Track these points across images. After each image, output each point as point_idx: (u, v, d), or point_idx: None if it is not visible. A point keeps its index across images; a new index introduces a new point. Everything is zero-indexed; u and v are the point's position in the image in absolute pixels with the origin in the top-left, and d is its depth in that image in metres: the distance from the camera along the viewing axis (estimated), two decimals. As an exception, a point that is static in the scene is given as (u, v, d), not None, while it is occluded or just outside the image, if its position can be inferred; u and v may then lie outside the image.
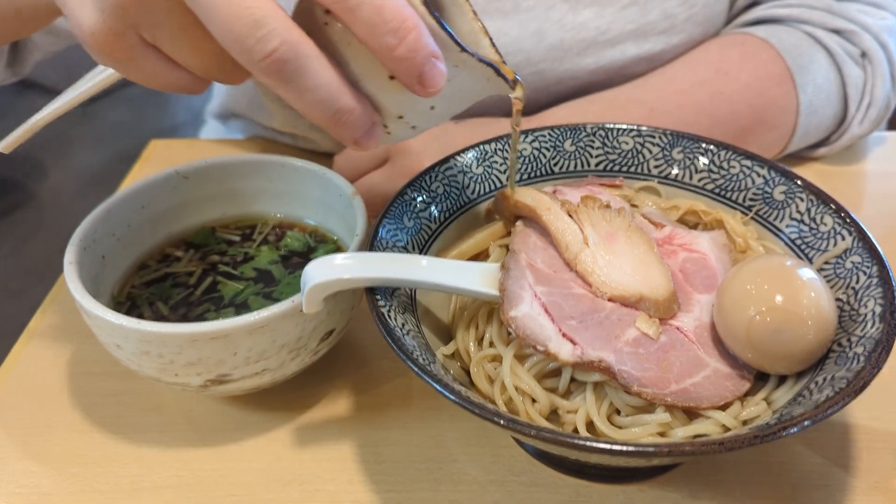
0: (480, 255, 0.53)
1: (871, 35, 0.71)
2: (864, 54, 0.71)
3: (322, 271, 0.43)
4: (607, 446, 0.35)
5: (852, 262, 0.46)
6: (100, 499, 0.49)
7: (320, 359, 0.53)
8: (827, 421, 0.52)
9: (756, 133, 0.71)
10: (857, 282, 0.45)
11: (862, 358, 0.39)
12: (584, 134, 0.57)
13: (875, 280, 0.44)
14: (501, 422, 0.37)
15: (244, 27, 0.34)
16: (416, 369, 0.39)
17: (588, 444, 0.36)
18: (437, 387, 0.38)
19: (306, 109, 0.37)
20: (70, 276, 0.49)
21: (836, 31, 0.72)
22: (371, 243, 0.48)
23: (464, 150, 0.55)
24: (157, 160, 0.84)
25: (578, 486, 0.48)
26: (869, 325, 0.41)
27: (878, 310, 0.42)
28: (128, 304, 0.55)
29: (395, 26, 0.35)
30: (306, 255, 0.58)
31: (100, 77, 0.57)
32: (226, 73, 0.39)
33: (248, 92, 0.85)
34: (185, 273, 0.57)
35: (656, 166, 0.56)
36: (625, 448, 0.35)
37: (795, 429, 0.36)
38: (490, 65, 0.40)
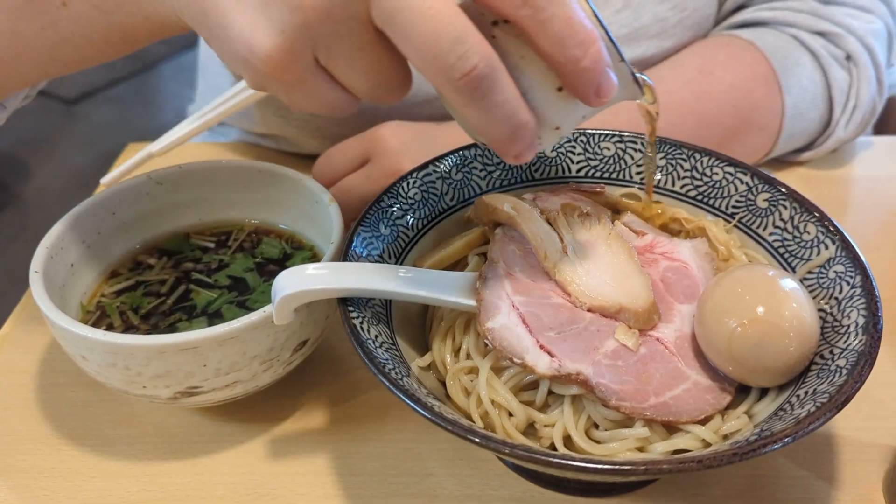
0: (459, 264, 0.52)
1: (856, 38, 0.71)
2: (849, 57, 0.71)
3: (293, 282, 0.42)
4: (582, 464, 0.34)
5: (836, 272, 0.45)
6: (66, 514, 0.47)
7: (295, 369, 0.52)
8: (810, 433, 0.51)
9: (742, 134, 0.70)
10: (841, 292, 0.44)
11: (844, 371, 0.38)
12: (564, 139, 0.56)
13: (858, 290, 0.43)
14: (475, 439, 0.36)
15: (446, 44, 0.33)
16: (387, 383, 0.38)
17: (563, 461, 0.34)
18: (409, 402, 0.37)
19: (490, 124, 0.36)
20: (35, 286, 0.48)
21: (822, 34, 0.71)
22: (345, 253, 0.46)
23: (442, 157, 0.54)
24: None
25: (557, 500, 0.47)
26: (852, 336, 0.41)
27: (862, 321, 0.41)
28: (97, 313, 0.53)
29: (582, 39, 0.35)
30: (282, 263, 0.57)
31: (241, 97, 0.56)
32: (391, 91, 0.38)
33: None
34: (157, 281, 0.56)
35: (638, 172, 0.55)
36: (600, 466, 0.34)
37: (776, 446, 0.35)
38: (632, 72, 0.40)
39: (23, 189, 2.73)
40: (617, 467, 0.34)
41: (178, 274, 0.57)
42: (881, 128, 0.96)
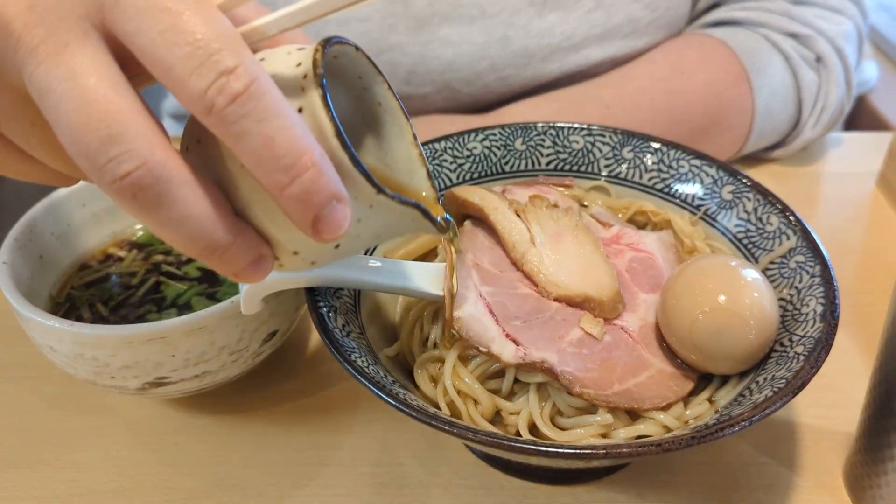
0: (428, 255, 0.52)
1: (826, 40, 0.72)
2: (819, 59, 0.72)
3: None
4: (546, 449, 0.35)
5: (796, 262, 0.46)
6: (33, 506, 0.47)
7: (264, 361, 0.52)
8: (773, 421, 0.52)
9: (712, 133, 0.71)
10: (801, 281, 0.45)
11: (802, 358, 0.39)
12: (534, 133, 0.57)
13: (818, 280, 0.44)
14: (441, 426, 0.36)
15: (95, 142, 0.28)
16: (352, 372, 0.38)
17: (527, 446, 0.35)
18: (375, 390, 0.38)
19: (171, 240, 0.30)
20: (2, 277, 0.47)
21: (793, 36, 0.72)
22: (314, 243, 0.47)
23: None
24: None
25: (525, 488, 0.47)
26: (810, 324, 0.41)
27: (820, 309, 0.42)
28: (66, 305, 0.53)
29: (288, 163, 0.29)
30: (253, 255, 0.57)
31: None
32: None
33: None
34: (127, 273, 0.56)
35: (606, 165, 0.56)
36: (562, 450, 0.35)
37: (734, 429, 0.35)
38: (416, 206, 0.34)
39: (-2, 188, 2.71)
40: (578, 451, 0.34)
41: (149, 266, 0.56)
42: (851, 124, 0.98)
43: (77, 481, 0.48)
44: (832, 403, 0.52)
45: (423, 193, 0.39)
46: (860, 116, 0.96)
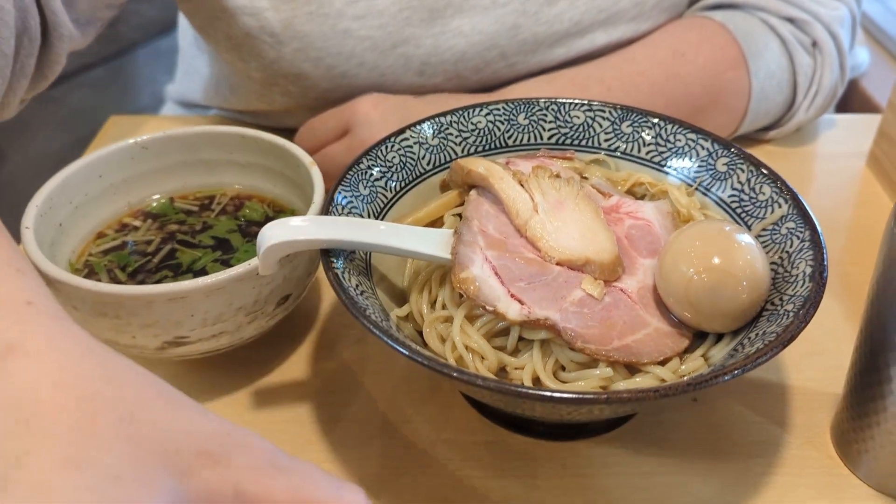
0: (435, 224, 0.54)
1: (822, 25, 0.74)
2: (815, 43, 0.74)
3: (278, 232, 0.44)
4: (549, 394, 0.37)
5: (787, 228, 0.48)
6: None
7: (278, 325, 0.54)
8: (764, 383, 0.54)
9: (708, 114, 0.73)
10: (791, 246, 0.47)
11: (791, 314, 0.41)
12: (537, 108, 0.59)
13: (807, 244, 0.46)
14: (452, 374, 0.38)
15: None
16: (368, 325, 0.40)
17: (532, 392, 0.37)
18: (389, 341, 0.40)
19: None
20: (27, 240, 0.49)
21: (790, 20, 0.74)
22: (326, 210, 0.49)
23: (419, 122, 0.57)
24: (118, 137, 0.83)
25: (527, 444, 0.50)
26: (799, 284, 0.44)
27: (809, 270, 0.44)
28: (85, 270, 0.55)
29: None
30: (264, 225, 0.59)
31: None
32: None
33: (203, 81, 0.86)
34: (143, 241, 0.58)
35: (606, 139, 0.58)
36: (565, 395, 0.37)
37: (726, 377, 0.38)
38: None
39: (-4, 173, 2.71)
40: (580, 396, 0.37)
41: (164, 235, 0.58)
42: (843, 106, 1.00)
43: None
44: (821, 367, 0.55)
45: None
46: (852, 99, 0.99)
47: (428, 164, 0.56)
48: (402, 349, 0.39)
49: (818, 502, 0.47)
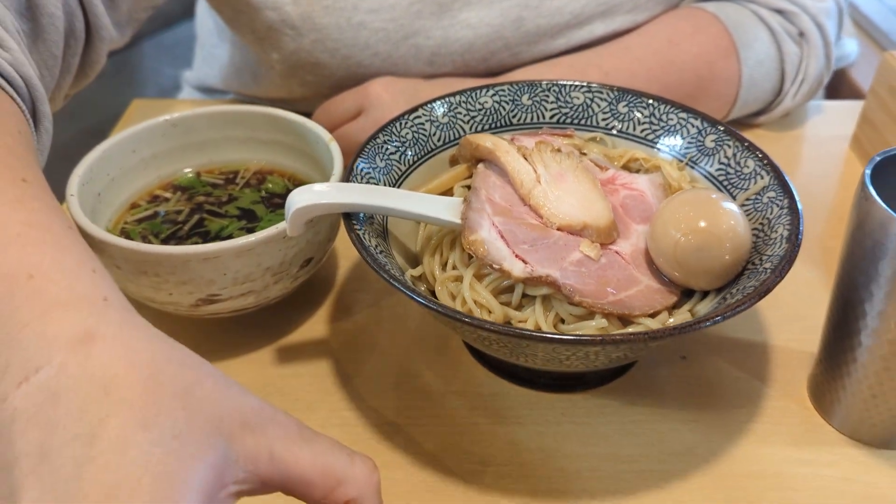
0: (445, 195, 0.58)
1: (809, 17, 0.78)
2: (802, 34, 0.78)
3: (304, 197, 0.48)
4: (550, 335, 0.41)
5: (768, 198, 0.53)
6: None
7: (299, 289, 0.59)
8: (747, 344, 0.59)
9: (700, 100, 0.77)
10: (771, 213, 0.51)
11: (769, 271, 0.46)
12: (539, 89, 0.63)
13: (785, 210, 0.50)
14: (464, 319, 0.43)
15: None
16: (386, 278, 0.45)
17: (535, 334, 0.42)
18: (406, 291, 0.44)
19: None
20: (72, 206, 0.54)
21: (779, 11, 0.79)
22: (347, 178, 0.53)
23: (431, 101, 0.61)
24: (140, 120, 0.88)
25: (529, 395, 0.54)
26: (777, 246, 0.48)
27: (785, 234, 0.49)
28: (122, 237, 0.59)
29: None
30: (286, 197, 0.63)
31: None
32: None
33: (223, 68, 0.90)
34: (173, 212, 0.62)
35: (604, 119, 0.63)
36: (564, 337, 0.41)
37: (709, 323, 0.42)
38: None
39: None
40: (576, 338, 0.41)
41: (192, 206, 0.63)
42: (832, 94, 1.05)
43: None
44: (800, 330, 0.59)
45: None
46: (840, 87, 1.03)
47: (438, 140, 0.61)
48: (418, 298, 0.44)
49: (795, 448, 0.52)
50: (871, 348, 0.48)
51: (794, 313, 0.61)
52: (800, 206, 0.50)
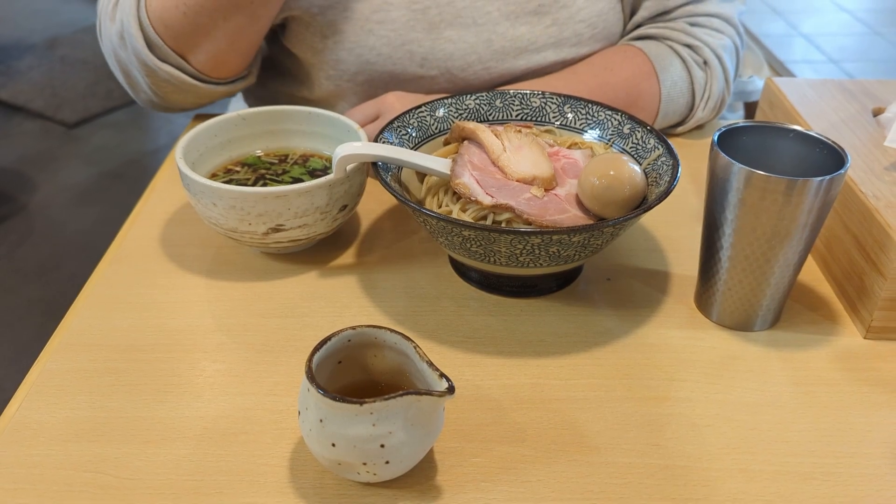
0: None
1: (710, 50, 1.04)
2: (706, 62, 1.04)
3: (346, 149, 0.73)
4: (512, 229, 0.65)
5: (661, 161, 0.77)
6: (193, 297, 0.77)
7: (338, 231, 0.82)
8: (655, 270, 0.83)
9: (630, 112, 1.03)
10: (662, 170, 0.76)
11: (656, 200, 0.70)
12: (508, 96, 0.89)
13: (669, 167, 0.75)
14: (456, 221, 0.67)
15: None
16: (401, 198, 0.69)
17: (502, 229, 0.66)
18: (412, 204, 0.68)
19: None
20: (181, 163, 0.78)
21: (688, 46, 1.05)
22: (377, 139, 0.78)
23: (431, 101, 0.86)
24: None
25: (499, 300, 0.78)
26: (662, 187, 0.73)
27: (668, 179, 0.73)
28: (209, 193, 0.83)
29: None
30: (325, 172, 0.88)
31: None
32: None
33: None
34: (243, 180, 0.86)
35: (554, 117, 0.88)
36: (522, 230, 0.65)
37: (610, 223, 0.66)
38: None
39: (28, 200, 2.99)
40: (529, 230, 0.65)
41: (257, 176, 0.87)
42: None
43: (212, 290, 0.79)
44: (692, 264, 0.83)
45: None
46: (750, 117, 1.30)
47: (436, 128, 0.86)
48: (420, 208, 0.68)
49: (680, 330, 0.75)
50: (731, 257, 0.71)
51: (688, 256, 0.85)
52: (679, 163, 0.75)
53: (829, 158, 0.70)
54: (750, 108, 1.30)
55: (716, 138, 0.71)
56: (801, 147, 0.72)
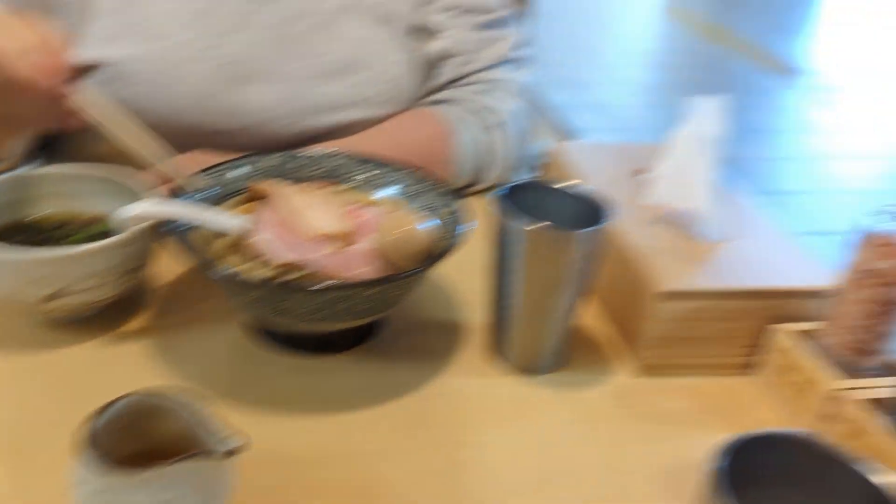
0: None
1: (497, 116, 1.13)
2: (497, 125, 1.12)
3: (135, 208, 0.71)
4: (302, 285, 0.66)
5: (453, 216, 0.82)
6: None
7: (128, 296, 0.80)
8: (452, 322, 0.86)
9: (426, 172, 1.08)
10: (453, 225, 0.80)
11: (442, 254, 0.74)
12: (308, 156, 0.91)
13: (459, 222, 0.80)
14: (251, 281, 0.67)
15: None
16: (194, 255, 0.68)
17: (295, 284, 0.66)
18: (202, 260, 0.67)
19: None
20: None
21: (482, 110, 1.13)
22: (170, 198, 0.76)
23: (229, 160, 0.86)
24: None
25: (300, 359, 0.78)
26: (449, 243, 0.77)
27: (453, 236, 0.78)
28: None
29: None
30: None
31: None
32: None
33: None
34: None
35: (353, 175, 0.90)
36: (316, 286, 0.66)
37: (403, 276, 0.69)
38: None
39: None
40: (326, 284, 0.66)
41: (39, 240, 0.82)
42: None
43: None
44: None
45: None
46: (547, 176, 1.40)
47: (234, 188, 0.85)
48: (216, 270, 0.67)
49: (478, 378, 0.79)
50: (514, 305, 0.76)
51: (484, 298, 0.90)
52: (465, 218, 0.80)
53: (599, 214, 0.77)
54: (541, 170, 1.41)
55: (498, 195, 0.76)
56: (574, 203, 0.79)
